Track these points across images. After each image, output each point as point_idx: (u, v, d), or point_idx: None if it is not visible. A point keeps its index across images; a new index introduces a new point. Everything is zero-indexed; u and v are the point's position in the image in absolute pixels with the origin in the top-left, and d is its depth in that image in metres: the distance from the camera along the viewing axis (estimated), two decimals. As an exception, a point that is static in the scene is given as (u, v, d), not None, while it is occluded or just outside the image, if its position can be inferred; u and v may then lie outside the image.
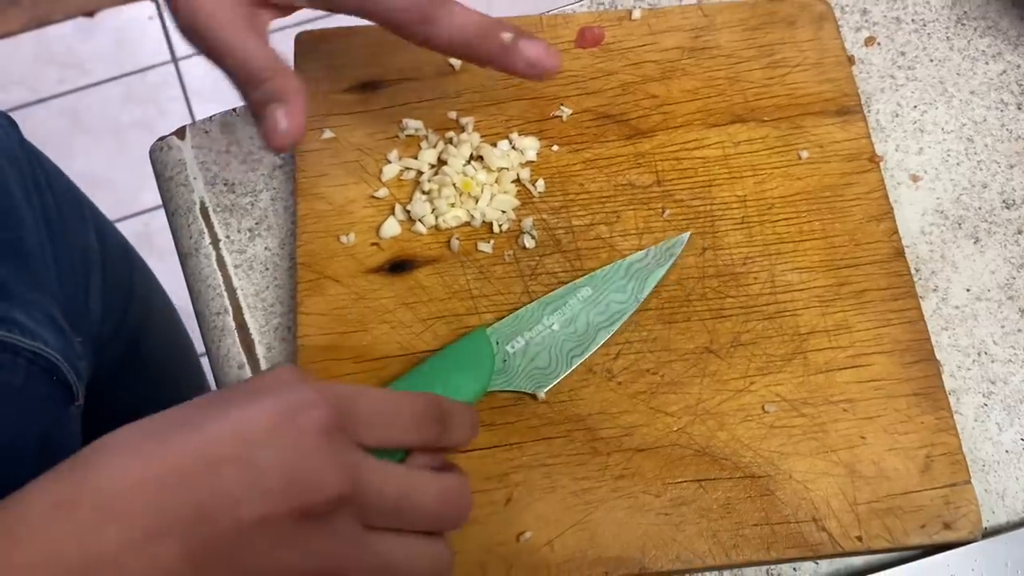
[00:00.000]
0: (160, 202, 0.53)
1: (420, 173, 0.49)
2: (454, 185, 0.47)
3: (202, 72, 1.82)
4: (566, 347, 0.45)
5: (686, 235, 0.47)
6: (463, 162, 0.48)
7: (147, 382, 0.72)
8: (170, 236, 0.52)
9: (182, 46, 1.84)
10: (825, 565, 0.44)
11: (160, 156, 0.52)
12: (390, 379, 0.44)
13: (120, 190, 1.50)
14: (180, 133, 0.52)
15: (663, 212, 0.48)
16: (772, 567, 0.44)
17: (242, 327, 0.47)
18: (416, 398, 0.34)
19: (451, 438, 0.35)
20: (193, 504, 0.29)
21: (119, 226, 0.72)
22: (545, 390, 0.44)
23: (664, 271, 0.46)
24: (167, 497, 0.29)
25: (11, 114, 0.59)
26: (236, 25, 0.39)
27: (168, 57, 1.85)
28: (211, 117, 0.52)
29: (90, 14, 1.92)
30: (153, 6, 1.90)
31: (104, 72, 1.84)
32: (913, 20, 0.56)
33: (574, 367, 0.44)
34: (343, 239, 0.47)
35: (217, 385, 0.48)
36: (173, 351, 0.80)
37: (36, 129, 0.80)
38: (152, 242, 1.33)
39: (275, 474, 0.29)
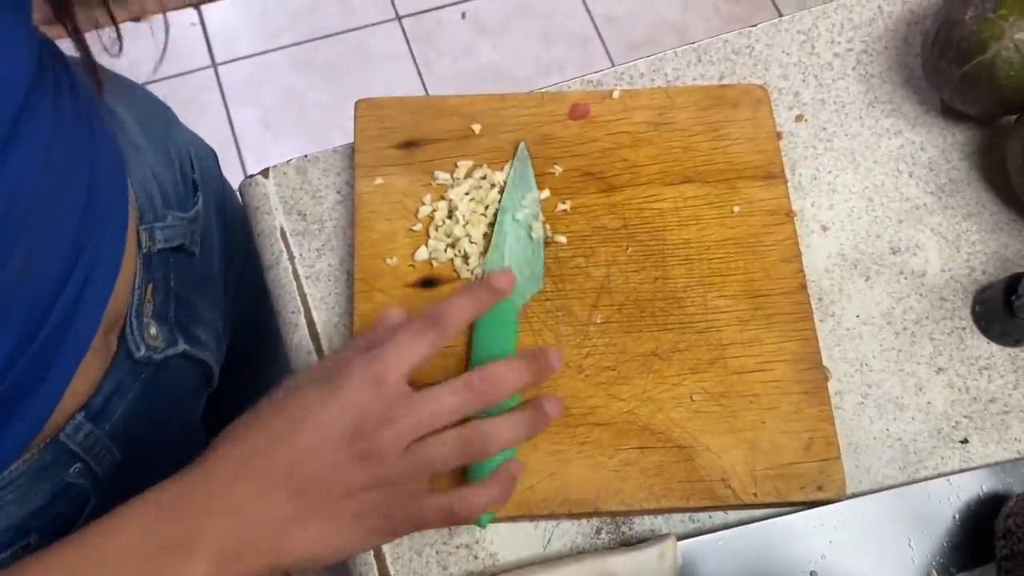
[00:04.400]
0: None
1: (432, 218, 0.65)
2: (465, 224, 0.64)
3: (238, 77, 1.99)
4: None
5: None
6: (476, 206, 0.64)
7: (259, 371, 0.89)
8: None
9: (221, 51, 2.01)
10: (733, 514, 0.60)
11: (249, 190, 0.68)
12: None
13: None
14: (265, 173, 0.68)
15: (627, 249, 0.64)
16: (693, 514, 0.60)
17: (311, 324, 0.63)
18: (520, 359, 0.51)
19: (546, 372, 0.51)
20: (292, 460, 0.45)
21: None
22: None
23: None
24: (272, 461, 0.45)
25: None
26: None
27: (208, 62, 2.01)
28: (288, 161, 0.68)
29: (136, 19, 2.08)
30: (195, 14, 2.06)
31: (147, 74, 2.00)
32: (835, 102, 0.72)
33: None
34: (388, 261, 0.63)
35: (293, 365, 0.64)
36: (276, 353, 0.98)
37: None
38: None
39: (345, 433, 0.45)
